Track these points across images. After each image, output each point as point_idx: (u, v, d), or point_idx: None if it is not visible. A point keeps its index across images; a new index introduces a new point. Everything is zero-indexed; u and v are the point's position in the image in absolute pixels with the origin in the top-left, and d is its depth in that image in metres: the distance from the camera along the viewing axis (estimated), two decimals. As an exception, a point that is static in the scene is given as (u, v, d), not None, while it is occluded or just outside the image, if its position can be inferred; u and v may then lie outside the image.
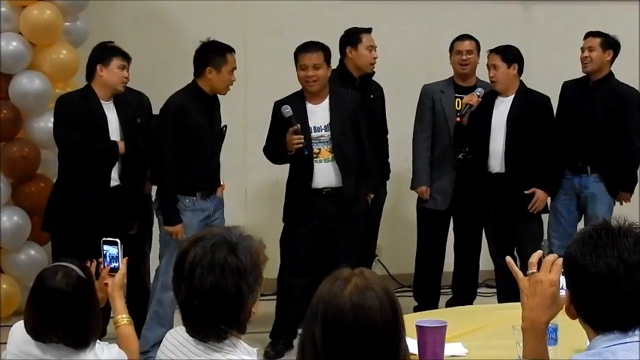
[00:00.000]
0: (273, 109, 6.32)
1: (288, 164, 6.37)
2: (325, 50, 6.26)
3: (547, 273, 2.70)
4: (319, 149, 6.22)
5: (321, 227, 6.25)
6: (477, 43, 6.94)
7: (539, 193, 6.56)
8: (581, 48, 6.76)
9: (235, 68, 6.13)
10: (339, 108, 6.27)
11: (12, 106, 6.97)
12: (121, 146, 6.00)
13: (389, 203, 7.08)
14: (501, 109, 6.63)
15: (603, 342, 2.38)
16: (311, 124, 6.22)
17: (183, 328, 2.79)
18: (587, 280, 2.41)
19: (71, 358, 3.40)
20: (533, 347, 2.71)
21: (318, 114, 6.25)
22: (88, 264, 3.63)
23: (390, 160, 7.07)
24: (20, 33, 6.96)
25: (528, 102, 6.61)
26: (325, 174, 6.22)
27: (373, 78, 6.89)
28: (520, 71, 6.63)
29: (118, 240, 3.77)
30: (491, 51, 6.64)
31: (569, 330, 2.91)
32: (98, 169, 5.97)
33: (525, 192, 6.53)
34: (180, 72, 6.86)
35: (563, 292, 2.70)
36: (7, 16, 6.90)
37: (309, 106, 6.25)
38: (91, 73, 6.04)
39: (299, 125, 6.11)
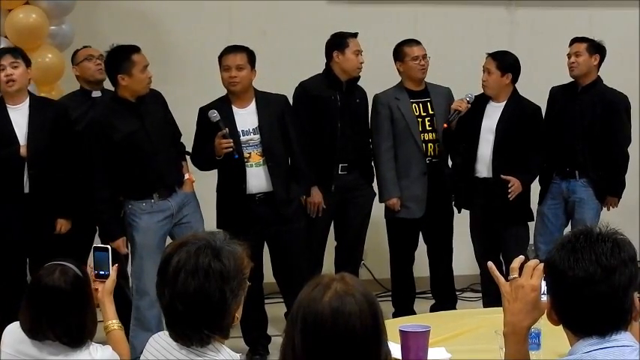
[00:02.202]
0: (199, 116, 6.29)
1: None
2: (249, 53, 6.25)
3: (528, 278, 2.71)
4: (249, 153, 6.21)
5: (261, 232, 6.24)
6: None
7: (515, 180, 6.52)
8: (568, 54, 6.78)
9: (147, 65, 6.05)
10: (266, 110, 6.27)
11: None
12: (22, 150, 5.91)
13: (374, 208, 7.07)
14: (492, 114, 6.64)
15: (584, 347, 2.40)
16: (239, 128, 6.20)
17: (167, 332, 2.79)
18: (566, 285, 2.43)
19: (67, 356, 3.43)
20: (515, 352, 2.72)
21: (246, 117, 6.24)
22: None
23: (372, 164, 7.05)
24: (6, 37, 6.95)
25: (519, 110, 6.61)
26: (257, 178, 6.22)
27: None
28: (514, 80, 6.64)
29: (108, 247, 3.79)
30: (490, 55, 6.64)
31: (552, 335, 2.92)
32: (5, 176, 5.94)
33: (502, 176, 6.51)
34: (165, 74, 6.89)
35: (544, 298, 2.72)
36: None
37: (236, 110, 6.25)
38: None
39: (227, 129, 6.10)
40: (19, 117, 5.98)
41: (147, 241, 5.99)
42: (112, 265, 3.73)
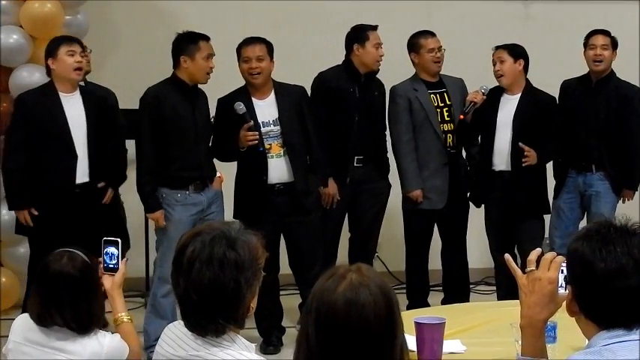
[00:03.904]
0: (217, 107, 6.33)
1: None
2: (268, 44, 6.28)
3: (546, 270, 2.70)
4: (270, 144, 6.24)
5: (278, 223, 6.26)
6: None
7: (532, 150, 6.46)
8: (592, 45, 6.71)
9: (212, 54, 6.14)
10: (285, 102, 6.30)
11: (12, 99, 6.96)
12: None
13: (388, 200, 7.05)
14: (507, 107, 6.61)
15: (603, 339, 2.37)
16: (259, 120, 6.23)
17: (182, 323, 2.78)
18: (594, 276, 2.40)
19: (74, 341, 3.47)
20: (532, 345, 2.71)
21: (265, 108, 6.27)
22: None
23: (388, 156, 7.03)
24: (21, 26, 6.96)
25: (534, 101, 6.60)
26: (278, 169, 6.25)
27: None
28: (526, 69, 6.61)
29: (118, 240, 3.78)
30: (498, 47, 6.63)
31: (568, 328, 2.90)
32: (58, 166, 5.94)
33: (520, 144, 6.45)
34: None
35: (561, 290, 2.70)
36: (7, 9, 6.91)
37: (255, 101, 6.27)
38: (47, 69, 6.02)
39: (252, 121, 6.12)
40: (73, 106, 5.98)
41: (177, 234, 6.00)
42: (122, 259, 3.73)
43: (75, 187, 5.95)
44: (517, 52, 6.60)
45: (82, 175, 5.98)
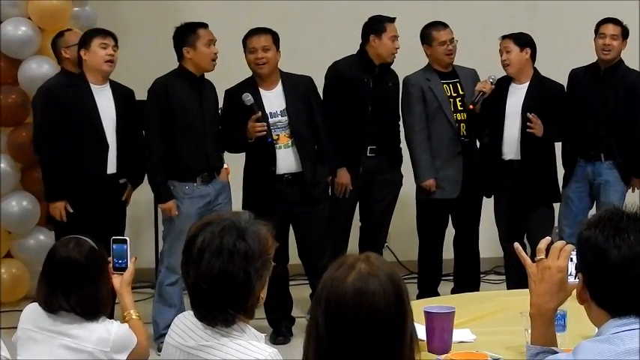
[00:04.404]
0: (225, 98, 6.32)
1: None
2: (273, 34, 6.28)
3: (555, 259, 2.70)
4: (278, 135, 6.25)
5: (287, 213, 6.27)
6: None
7: (539, 121, 6.43)
8: (602, 34, 6.68)
9: (213, 40, 6.16)
10: (292, 92, 6.30)
11: (21, 91, 7.00)
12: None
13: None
14: (516, 96, 6.60)
15: (614, 327, 2.37)
16: (267, 110, 6.22)
17: (192, 313, 2.79)
18: (608, 264, 2.38)
19: (81, 327, 3.49)
20: (541, 333, 2.71)
21: (273, 99, 6.27)
22: None
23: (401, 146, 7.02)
24: (29, 18, 6.97)
25: (543, 90, 6.59)
26: (286, 160, 6.26)
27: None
28: (533, 57, 6.60)
29: (126, 238, 3.81)
30: (504, 36, 6.62)
31: (578, 316, 2.90)
32: (91, 158, 5.95)
33: (528, 114, 6.43)
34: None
35: (571, 279, 2.70)
36: (16, 2, 6.92)
37: (263, 92, 6.27)
38: (79, 60, 6.03)
39: (260, 112, 6.11)
40: (103, 98, 5.99)
41: (185, 227, 6.01)
42: (131, 257, 3.74)
43: (106, 178, 5.97)
44: (523, 41, 6.59)
45: (112, 166, 6.00)
